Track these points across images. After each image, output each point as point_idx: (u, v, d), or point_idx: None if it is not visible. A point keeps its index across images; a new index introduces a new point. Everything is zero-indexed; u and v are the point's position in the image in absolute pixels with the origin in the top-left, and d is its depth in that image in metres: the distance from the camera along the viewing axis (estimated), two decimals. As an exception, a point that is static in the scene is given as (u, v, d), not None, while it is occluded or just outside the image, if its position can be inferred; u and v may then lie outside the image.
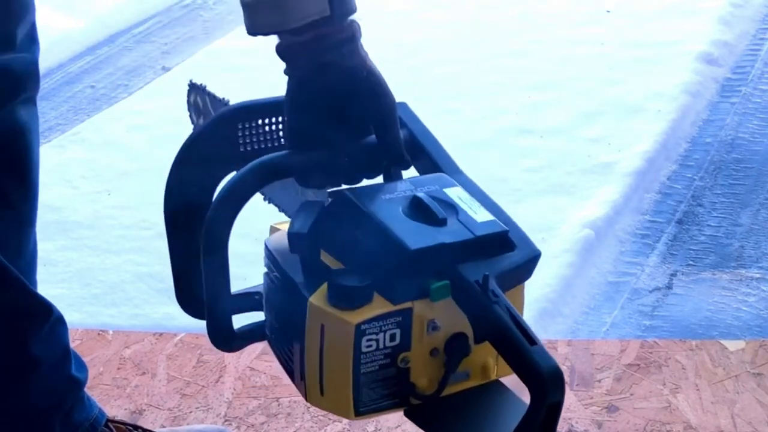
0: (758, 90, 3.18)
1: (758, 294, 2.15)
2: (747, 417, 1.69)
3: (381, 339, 1.00)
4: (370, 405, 1.03)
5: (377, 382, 1.02)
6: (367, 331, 0.99)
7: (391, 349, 1.00)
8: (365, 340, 0.99)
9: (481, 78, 3.28)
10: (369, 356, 1.00)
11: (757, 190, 2.59)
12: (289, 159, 1.07)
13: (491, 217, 1.07)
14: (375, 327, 0.99)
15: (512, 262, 1.04)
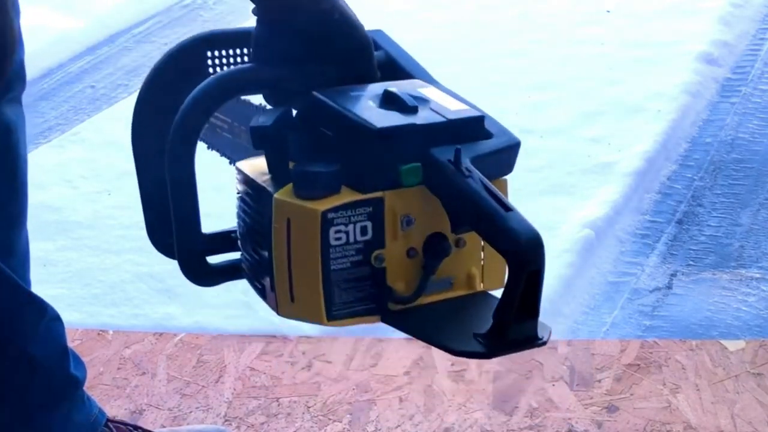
0: (758, 90, 3.18)
1: (758, 294, 2.15)
2: (747, 417, 1.69)
3: (351, 231, 0.94)
4: (344, 309, 0.97)
5: (350, 282, 0.96)
6: (335, 221, 0.93)
7: (363, 245, 0.95)
8: (333, 232, 0.93)
9: (481, 78, 3.28)
10: (339, 251, 0.95)
11: (757, 190, 2.59)
12: (259, 72, 1.02)
13: (468, 107, 1.01)
14: (343, 217, 0.93)
15: (488, 146, 0.98)
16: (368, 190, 0.93)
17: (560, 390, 1.78)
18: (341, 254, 0.95)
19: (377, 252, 0.95)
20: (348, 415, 1.74)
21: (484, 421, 1.72)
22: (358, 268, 0.96)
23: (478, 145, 0.97)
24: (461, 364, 1.87)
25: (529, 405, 1.75)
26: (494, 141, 0.99)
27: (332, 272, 0.95)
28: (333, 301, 0.96)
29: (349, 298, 0.97)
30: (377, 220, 0.94)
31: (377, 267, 0.96)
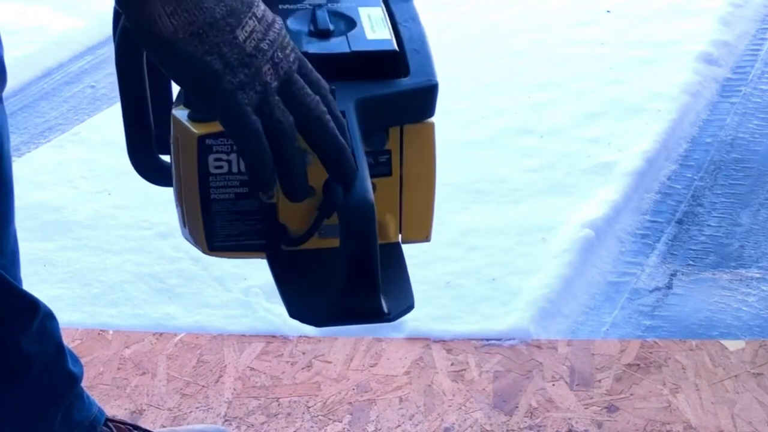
0: (758, 90, 3.18)
1: (758, 294, 2.15)
2: (747, 417, 1.69)
3: (234, 161, 0.88)
4: (228, 241, 0.92)
5: (235, 215, 0.91)
6: (215, 148, 0.87)
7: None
8: (213, 160, 0.88)
9: (481, 78, 3.28)
10: (220, 180, 0.89)
11: (757, 190, 2.59)
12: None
13: (388, 37, 0.92)
14: (224, 145, 0.87)
15: (395, 86, 0.89)
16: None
17: (560, 390, 1.78)
18: (223, 184, 0.89)
19: None
20: (348, 415, 1.74)
21: (484, 421, 1.72)
22: (244, 201, 0.90)
23: (384, 84, 0.89)
24: (461, 364, 1.87)
25: (529, 405, 1.75)
26: (407, 81, 0.90)
27: (213, 202, 0.90)
28: (215, 231, 0.91)
29: (234, 231, 0.92)
30: None
31: (266, 202, 0.90)
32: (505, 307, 2.05)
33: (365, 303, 0.86)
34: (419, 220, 0.96)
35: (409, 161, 0.92)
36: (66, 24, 3.92)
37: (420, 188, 0.94)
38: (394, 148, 0.91)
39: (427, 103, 0.91)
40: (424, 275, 2.20)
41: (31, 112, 3.26)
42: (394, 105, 0.89)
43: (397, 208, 0.94)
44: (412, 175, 0.93)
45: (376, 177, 0.90)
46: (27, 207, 2.51)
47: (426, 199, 0.95)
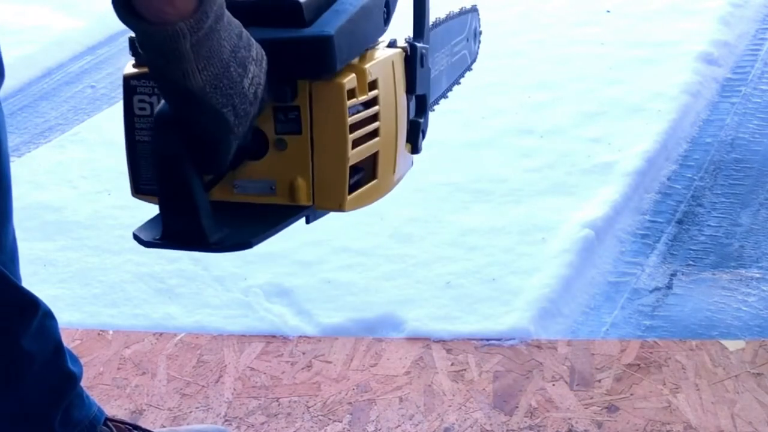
0: (758, 90, 3.18)
1: (758, 294, 2.15)
2: (747, 417, 1.69)
3: (155, 104, 0.90)
4: (151, 185, 0.95)
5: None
6: (138, 89, 0.90)
7: None
8: (137, 101, 0.90)
9: (481, 78, 3.27)
10: (144, 122, 0.91)
11: (757, 190, 2.59)
12: None
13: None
14: (147, 87, 0.90)
15: (286, 32, 0.90)
16: None
17: (560, 390, 1.78)
18: (146, 126, 0.91)
19: None
20: (348, 415, 1.74)
21: (484, 421, 1.72)
22: None
23: (278, 31, 0.90)
24: (461, 364, 1.87)
25: (529, 405, 1.75)
26: (302, 31, 0.91)
27: (137, 143, 0.92)
28: (140, 174, 0.95)
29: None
30: None
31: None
32: (505, 307, 2.05)
33: (187, 228, 0.87)
34: (332, 186, 0.96)
35: (319, 120, 0.92)
36: (66, 24, 3.92)
37: (331, 151, 0.93)
38: (303, 105, 0.91)
39: (320, 56, 0.90)
40: (424, 275, 2.20)
41: (31, 112, 3.26)
42: (285, 53, 0.89)
43: (308, 170, 0.93)
44: (323, 135, 0.92)
45: (286, 134, 0.92)
46: (27, 207, 2.51)
47: (338, 164, 0.94)
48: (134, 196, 0.97)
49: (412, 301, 2.10)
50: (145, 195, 0.96)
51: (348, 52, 0.93)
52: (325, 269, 2.24)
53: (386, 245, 2.33)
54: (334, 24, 0.91)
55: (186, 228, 0.88)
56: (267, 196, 0.94)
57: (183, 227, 0.88)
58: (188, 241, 0.89)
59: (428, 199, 2.52)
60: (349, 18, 0.92)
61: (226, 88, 0.84)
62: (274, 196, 0.94)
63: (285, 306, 2.11)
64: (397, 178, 1.08)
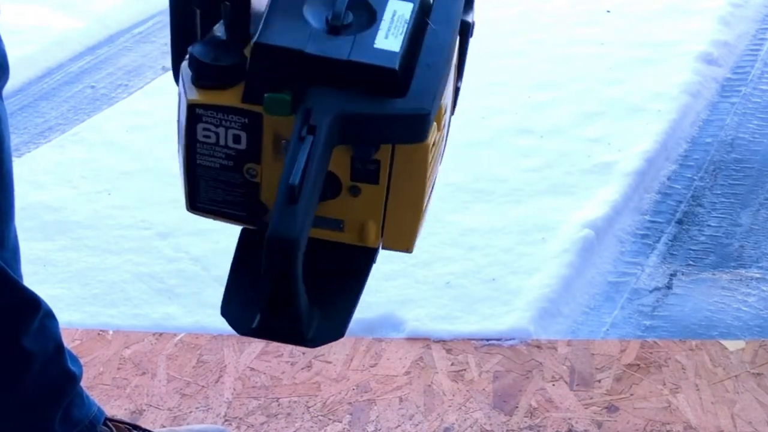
0: (758, 90, 3.18)
1: (758, 294, 2.15)
2: (747, 417, 1.69)
3: (222, 135, 0.89)
4: (209, 204, 0.93)
5: (218, 182, 0.92)
6: (204, 119, 0.88)
7: (235, 153, 0.89)
8: (201, 129, 0.88)
9: (481, 78, 3.28)
10: (206, 148, 0.89)
11: (757, 190, 2.59)
12: None
13: (395, 50, 0.86)
14: (214, 118, 0.88)
15: (382, 107, 0.85)
16: (248, 99, 0.86)
17: (560, 390, 1.78)
18: (209, 152, 0.90)
19: (250, 165, 0.90)
20: (348, 415, 1.74)
21: (484, 421, 1.72)
22: (228, 172, 0.90)
23: (373, 102, 0.85)
24: (461, 364, 1.87)
25: (529, 405, 1.75)
26: (399, 104, 0.86)
27: (198, 166, 0.91)
28: (199, 193, 0.93)
29: (216, 197, 0.93)
30: (254, 133, 0.88)
31: (249, 179, 0.90)
32: (505, 307, 2.05)
33: (286, 325, 0.87)
34: (403, 231, 0.96)
35: (398, 176, 0.90)
36: (66, 24, 3.92)
37: (407, 202, 0.93)
38: (384, 159, 0.89)
39: (416, 129, 0.87)
40: (424, 275, 2.20)
41: (31, 112, 3.25)
42: (379, 125, 0.86)
43: (380, 216, 0.93)
44: (401, 188, 0.91)
45: (363, 182, 0.90)
46: (27, 207, 2.51)
47: (413, 213, 0.94)
48: (189, 211, 0.95)
49: (412, 301, 2.10)
50: (201, 212, 0.95)
51: (437, 104, 0.89)
52: (325, 269, 2.24)
53: (386, 245, 2.32)
54: (431, 93, 0.87)
55: (287, 327, 0.88)
56: (335, 232, 0.93)
57: (284, 326, 0.88)
58: (287, 338, 0.90)
59: (428, 199, 2.52)
60: (441, 81, 0.89)
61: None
62: (342, 234, 0.94)
63: (285, 306, 2.11)
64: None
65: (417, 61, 0.88)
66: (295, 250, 0.82)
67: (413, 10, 0.89)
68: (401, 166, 0.90)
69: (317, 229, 0.91)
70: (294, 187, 0.81)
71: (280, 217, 0.81)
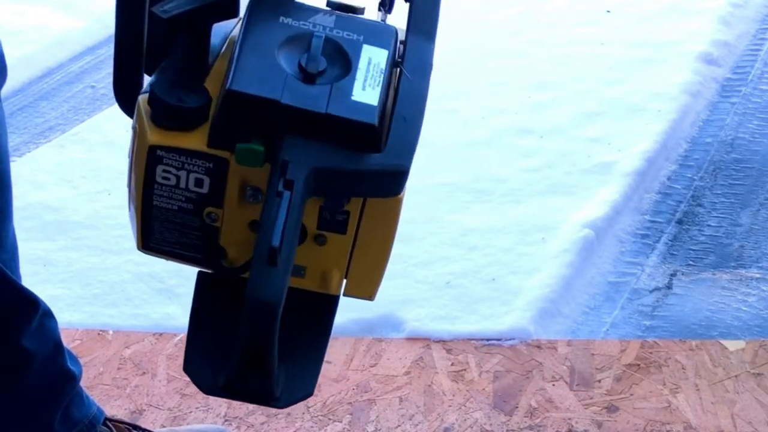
0: (758, 90, 3.18)
1: (758, 294, 2.15)
2: (747, 417, 1.69)
3: (183, 178, 0.85)
4: (163, 245, 0.90)
5: (174, 224, 0.89)
6: (164, 160, 0.85)
7: (196, 196, 0.86)
8: (161, 170, 0.85)
9: (481, 78, 3.28)
10: (164, 190, 0.87)
11: (757, 190, 2.59)
12: None
13: (374, 103, 0.83)
14: (175, 161, 0.84)
15: (360, 162, 0.83)
16: (213, 144, 0.82)
17: (560, 390, 1.78)
18: (167, 194, 0.87)
19: (210, 209, 0.87)
20: (348, 415, 1.74)
21: (484, 421, 1.72)
22: (186, 215, 0.87)
23: (349, 157, 0.82)
24: (461, 364, 1.87)
25: (529, 405, 1.75)
26: (375, 159, 0.83)
27: (154, 207, 0.88)
28: (152, 233, 0.90)
29: (171, 238, 0.90)
30: (217, 178, 0.85)
31: (209, 223, 0.87)
32: (505, 307, 2.05)
33: (256, 386, 0.85)
34: (366, 279, 0.93)
35: (367, 227, 0.88)
36: (66, 24, 3.92)
37: (373, 253, 0.91)
38: (354, 211, 0.87)
39: (392, 185, 0.85)
40: (424, 275, 2.20)
41: (31, 112, 3.25)
42: (356, 181, 0.84)
43: (345, 265, 0.91)
44: (369, 239, 0.89)
45: (330, 231, 0.88)
46: (27, 207, 2.51)
47: (377, 264, 0.92)
48: (140, 250, 0.92)
49: (412, 301, 2.10)
50: (153, 252, 0.92)
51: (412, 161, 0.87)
52: (325, 269, 2.24)
53: (386, 245, 2.32)
54: (407, 148, 0.85)
55: (255, 386, 0.86)
56: (296, 278, 0.90)
57: (253, 385, 0.85)
58: (255, 398, 0.88)
59: (428, 199, 2.52)
60: (417, 135, 0.86)
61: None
62: (303, 279, 0.91)
63: (285, 306, 2.11)
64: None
65: (393, 113, 0.85)
66: (276, 314, 0.80)
67: (388, 59, 0.87)
68: (371, 218, 0.88)
69: None
70: (275, 249, 0.78)
71: (260, 279, 0.78)
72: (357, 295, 0.94)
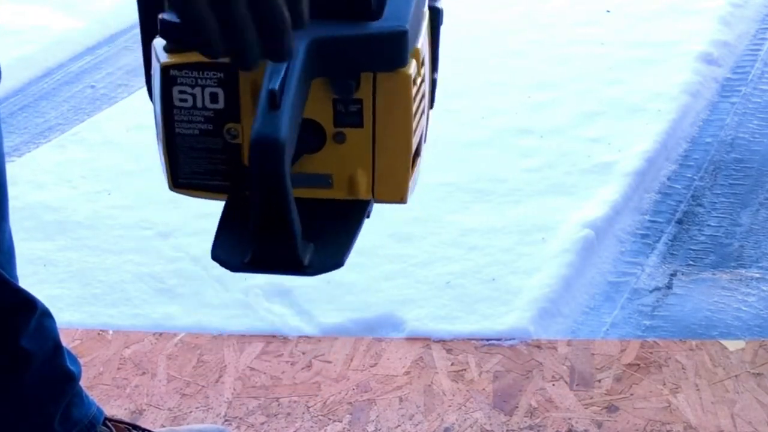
0: (758, 90, 3.18)
1: (758, 294, 2.15)
2: (747, 417, 1.69)
3: (198, 95, 0.86)
4: (192, 178, 0.90)
5: (199, 152, 0.89)
6: (179, 80, 0.86)
7: (214, 113, 0.87)
8: (177, 92, 0.86)
9: (481, 78, 3.28)
10: (185, 114, 0.87)
11: (757, 190, 2.59)
12: None
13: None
14: (189, 78, 0.85)
15: (357, 29, 0.84)
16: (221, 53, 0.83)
17: (560, 390, 1.78)
18: (187, 118, 0.87)
19: (230, 125, 0.87)
20: (348, 415, 1.74)
21: (484, 421, 1.72)
22: (208, 138, 0.88)
23: (348, 25, 0.84)
24: (461, 364, 1.87)
25: (529, 405, 1.75)
26: (374, 24, 0.85)
27: (177, 136, 0.88)
28: (180, 167, 0.90)
29: (198, 169, 0.90)
30: (230, 89, 0.86)
31: (230, 141, 0.88)
32: (505, 307, 2.06)
33: (280, 252, 0.83)
34: (394, 178, 0.92)
35: (382, 112, 0.88)
36: (66, 24, 3.92)
37: (395, 143, 0.90)
38: (366, 98, 0.87)
39: (394, 50, 0.85)
40: (424, 275, 2.20)
41: (31, 112, 3.25)
42: (356, 49, 0.84)
43: (369, 163, 0.90)
44: (386, 128, 0.89)
45: (347, 127, 0.88)
46: (27, 207, 2.51)
47: (402, 156, 0.91)
48: (172, 189, 0.92)
49: (412, 301, 2.10)
50: (184, 189, 0.92)
51: (414, 39, 0.88)
52: (325, 269, 2.24)
53: (386, 245, 2.33)
54: (405, 14, 0.86)
55: (280, 252, 0.84)
56: (324, 190, 0.90)
57: (277, 251, 0.84)
58: (281, 266, 0.85)
59: (428, 199, 2.52)
60: (416, 5, 0.87)
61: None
62: (332, 190, 0.91)
63: (285, 306, 2.11)
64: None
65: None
66: (280, 150, 0.79)
67: None
68: (384, 103, 0.87)
69: (306, 188, 0.89)
70: (275, 92, 0.78)
71: (263, 120, 0.79)
72: (388, 199, 0.93)
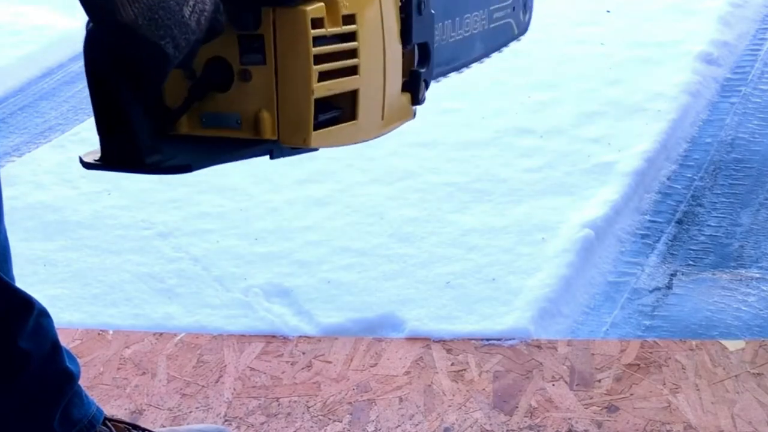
0: (758, 90, 3.18)
1: (758, 294, 2.15)
2: (747, 417, 1.69)
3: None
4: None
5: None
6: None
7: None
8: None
9: (481, 78, 3.28)
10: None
11: (757, 190, 2.59)
12: None
13: None
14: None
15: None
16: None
17: (560, 390, 1.78)
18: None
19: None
20: (348, 415, 1.74)
21: (484, 421, 1.72)
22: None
23: None
24: (461, 364, 1.87)
25: (529, 405, 1.75)
26: None
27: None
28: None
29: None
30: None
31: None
32: (505, 307, 2.05)
33: (124, 150, 0.87)
34: (297, 119, 0.94)
35: (283, 49, 0.90)
36: (66, 24, 3.92)
37: (296, 82, 0.92)
38: (267, 33, 0.90)
39: None
40: (424, 275, 2.20)
41: (31, 112, 3.25)
42: None
43: (273, 103, 0.92)
44: (288, 66, 0.91)
45: (251, 64, 0.90)
46: (27, 207, 2.50)
47: (303, 96, 0.93)
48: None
49: (412, 301, 2.10)
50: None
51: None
52: (325, 269, 2.24)
53: (386, 245, 2.33)
54: None
55: (122, 148, 0.87)
56: (233, 130, 0.93)
57: (119, 147, 0.87)
58: (125, 162, 0.89)
59: (428, 199, 2.52)
60: None
61: (162, 19, 0.82)
62: (240, 131, 0.93)
63: (285, 306, 2.11)
64: (388, 125, 1.05)
65: None
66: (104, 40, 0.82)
67: None
68: (284, 41, 0.90)
69: (216, 129, 0.92)
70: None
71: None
72: (292, 142, 0.95)
